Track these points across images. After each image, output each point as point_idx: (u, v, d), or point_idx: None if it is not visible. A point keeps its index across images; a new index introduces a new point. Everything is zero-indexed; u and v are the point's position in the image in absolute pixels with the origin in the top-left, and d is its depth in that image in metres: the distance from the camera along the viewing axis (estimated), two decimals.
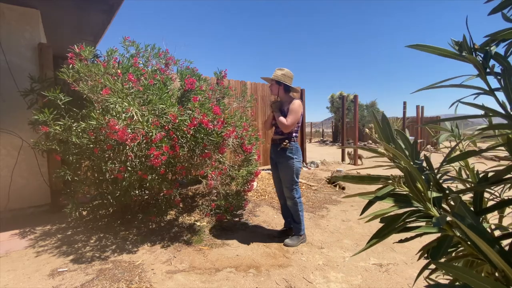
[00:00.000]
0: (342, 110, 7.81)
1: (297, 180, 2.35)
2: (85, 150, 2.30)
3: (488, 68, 0.57)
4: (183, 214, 3.01)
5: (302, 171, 5.54)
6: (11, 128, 2.94)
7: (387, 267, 2.02)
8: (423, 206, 0.56)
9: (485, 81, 0.57)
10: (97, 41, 4.90)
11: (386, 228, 0.59)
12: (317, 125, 32.79)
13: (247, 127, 2.93)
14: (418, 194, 0.58)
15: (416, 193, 0.58)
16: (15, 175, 3.00)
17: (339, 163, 7.05)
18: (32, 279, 1.83)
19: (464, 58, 0.58)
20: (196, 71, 3.05)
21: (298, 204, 2.36)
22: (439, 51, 0.60)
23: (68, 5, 3.44)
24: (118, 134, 1.84)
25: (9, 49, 2.98)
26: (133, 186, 2.38)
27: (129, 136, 1.89)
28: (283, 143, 2.31)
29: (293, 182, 2.33)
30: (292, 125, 2.26)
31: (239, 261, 2.11)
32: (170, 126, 2.24)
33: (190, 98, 2.64)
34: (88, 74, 2.11)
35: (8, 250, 2.22)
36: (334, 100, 16.05)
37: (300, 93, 6.11)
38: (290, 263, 2.09)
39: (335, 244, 2.41)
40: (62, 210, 2.63)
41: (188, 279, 1.86)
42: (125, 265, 2.01)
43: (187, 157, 2.64)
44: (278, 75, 2.35)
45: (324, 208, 3.41)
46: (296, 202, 2.34)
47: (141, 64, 2.73)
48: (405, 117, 9.84)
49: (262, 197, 3.77)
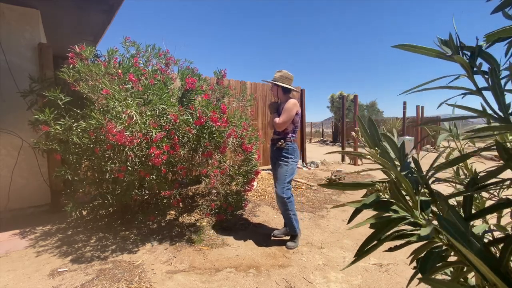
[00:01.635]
0: (342, 110, 7.81)
1: (289, 181, 2.35)
2: (86, 150, 2.31)
3: (475, 67, 0.56)
4: (183, 214, 3.01)
5: (302, 171, 5.54)
6: (11, 128, 2.94)
7: (387, 267, 2.02)
8: (410, 214, 0.55)
9: (473, 80, 0.56)
10: (97, 41, 4.90)
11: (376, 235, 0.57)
12: (317, 125, 32.79)
13: (247, 126, 2.93)
14: (404, 202, 0.56)
15: (402, 201, 0.56)
16: (15, 175, 3.00)
17: (339, 163, 7.05)
18: (32, 279, 1.83)
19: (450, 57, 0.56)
20: (196, 71, 3.05)
21: (288, 203, 2.33)
22: (424, 50, 0.58)
23: (68, 5, 3.44)
24: (116, 137, 1.85)
25: (9, 49, 2.98)
26: (133, 186, 2.38)
27: (128, 138, 1.89)
28: (278, 143, 2.37)
29: (284, 181, 2.33)
30: (283, 123, 2.31)
31: (239, 261, 2.11)
32: (170, 126, 2.25)
33: (190, 98, 2.64)
34: (88, 74, 2.11)
35: (8, 250, 2.22)
36: (334, 100, 16.06)
37: (300, 93, 6.11)
38: (290, 263, 2.09)
39: (335, 244, 2.41)
40: (62, 210, 2.63)
41: (188, 279, 1.86)
42: (125, 265, 2.01)
43: (187, 157, 2.64)
44: (276, 77, 2.44)
45: (324, 208, 3.41)
46: (285, 202, 2.32)
47: (141, 64, 2.73)
48: (405, 117, 9.85)
49: (262, 197, 3.77)
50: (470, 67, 0.55)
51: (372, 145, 0.65)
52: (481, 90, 0.55)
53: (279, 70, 2.45)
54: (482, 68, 0.56)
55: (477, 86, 0.56)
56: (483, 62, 0.56)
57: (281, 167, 2.36)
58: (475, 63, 0.56)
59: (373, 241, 0.57)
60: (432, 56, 0.58)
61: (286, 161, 2.34)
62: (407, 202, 0.56)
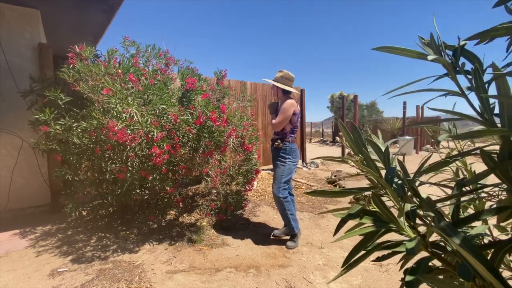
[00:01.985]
0: (342, 110, 7.81)
1: (285, 181, 2.35)
2: (86, 150, 2.31)
3: (457, 67, 0.54)
4: (183, 214, 3.01)
5: (302, 171, 5.54)
6: (11, 128, 2.94)
7: (387, 267, 2.02)
8: (395, 226, 0.53)
9: (455, 81, 0.54)
10: (97, 41, 4.90)
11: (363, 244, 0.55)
12: (317, 125, 32.76)
13: (248, 126, 2.93)
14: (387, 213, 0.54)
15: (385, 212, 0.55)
16: (15, 175, 3.00)
17: (339, 163, 7.05)
18: (32, 279, 1.83)
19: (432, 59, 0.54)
20: (196, 71, 3.05)
21: (284, 203, 2.34)
22: (404, 52, 0.56)
23: (68, 5, 3.44)
24: (118, 136, 1.85)
25: (9, 49, 2.98)
26: (134, 186, 2.38)
27: (129, 137, 1.89)
28: (275, 143, 2.39)
29: (280, 181, 2.34)
30: (280, 123, 2.33)
31: (239, 261, 2.11)
32: (170, 126, 2.25)
33: (190, 98, 2.64)
34: (88, 74, 2.11)
35: (8, 250, 2.22)
36: (334, 100, 16.05)
37: (300, 93, 6.11)
38: (290, 263, 2.09)
39: (335, 244, 2.41)
40: (62, 210, 2.63)
41: (188, 279, 1.86)
42: (125, 265, 2.01)
43: (188, 157, 2.64)
44: (277, 77, 2.46)
45: (324, 208, 3.41)
46: (282, 201, 2.33)
47: (141, 64, 2.73)
48: (405, 117, 9.86)
49: (262, 197, 3.77)
50: (453, 67, 0.54)
51: (356, 152, 0.63)
52: (464, 92, 0.53)
53: (280, 70, 2.47)
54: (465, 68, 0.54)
55: (460, 87, 0.54)
56: (466, 62, 0.54)
57: (278, 167, 2.38)
58: (457, 63, 0.54)
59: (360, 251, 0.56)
60: (413, 57, 0.56)
61: (283, 161, 2.36)
62: (390, 213, 0.55)
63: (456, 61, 0.54)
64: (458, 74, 0.54)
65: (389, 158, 0.63)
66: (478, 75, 0.50)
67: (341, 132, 0.67)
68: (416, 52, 0.56)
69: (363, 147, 0.63)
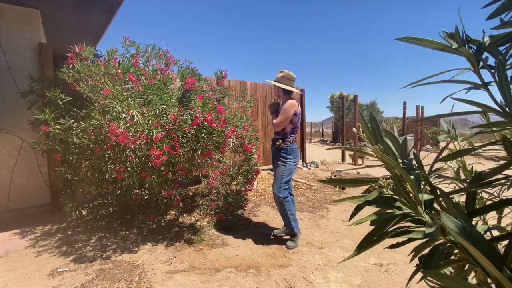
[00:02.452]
0: (342, 110, 7.81)
1: (286, 181, 2.35)
2: (85, 150, 2.31)
3: (481, 61, 0.54)
4: (183, 214, 3.01)
5: (302, 171, 5.54)
6: (11, 128, 2.94)
7: (387, 267, 2.02)
8: (414, 211, 0.53)
9: (478, 74, 0.54)
10: (97, 41, 4.90)
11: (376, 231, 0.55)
12: (317, 125, 32.77)
13: (248, 127, 2.93)
14: (408, 198, 0.55)
15: (406, 197, 0.55)
16: (15, 175, 3.00)
17: (339, 163, 7.05)
18: (32, 279, 1.83)
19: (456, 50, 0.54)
20: (196, 71, 3.05)
21: (284, 203, 2.34)
22: (429, 43, 0.56)
23: (68, 5, 3.44)
24: (120, 138, 1.84)
25: (9, 49, 2.98)
26: (133, 186, 2.38)
27: (131, 139, 1.89)
28: (277, 143, 2.40)
29: (281, 181, 2.34)
30: (280, 123, 2.34)
31: (239, 261, 2.11)
32: (170, 126, 2.25)
33: (190, 98, 2.64)
34: (88, 74, 2.11)
35: (8, 250, 2.22)
36: (334, 100, 16.05)
37: (300, 93, 6.11)
38: (290, 263, 2.09)
39: (335, 244, 2.41)
40: (62, 210, 2.63)
41: (188, 279, 1.86)
42: (125, 265, 2.01)
43: (187, 157, 2.64)
44: (278, 78, 2.47)
45: (324, 208, 3.41)
46: (282, 201, 2.33)
47: (141, 64, 2.73)
48: (405, 117, 9.85)
49: (262, 197, 3.77)
50: (476, 60, 0.54)
51: (374, 142, 0.63)
52: (487, 85, 0.53)
53: (281, 71, 2.47)
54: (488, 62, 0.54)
55: (483, 80, 0.54)
56: (489, 56, 0.54)
57: (278, 167, 2.38)
58: (481, 57, 0.54)
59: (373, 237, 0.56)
60: (437, 49, 0.56)
61: (284, 161, 2.36)
62: (411, 198, 0.55)
63: (480, 55, 0.54)
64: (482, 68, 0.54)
65: (406, 150, 0.63)
66: (502, 69, 0.50)
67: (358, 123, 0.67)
68: (441, 44, 0.56)
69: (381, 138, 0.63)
